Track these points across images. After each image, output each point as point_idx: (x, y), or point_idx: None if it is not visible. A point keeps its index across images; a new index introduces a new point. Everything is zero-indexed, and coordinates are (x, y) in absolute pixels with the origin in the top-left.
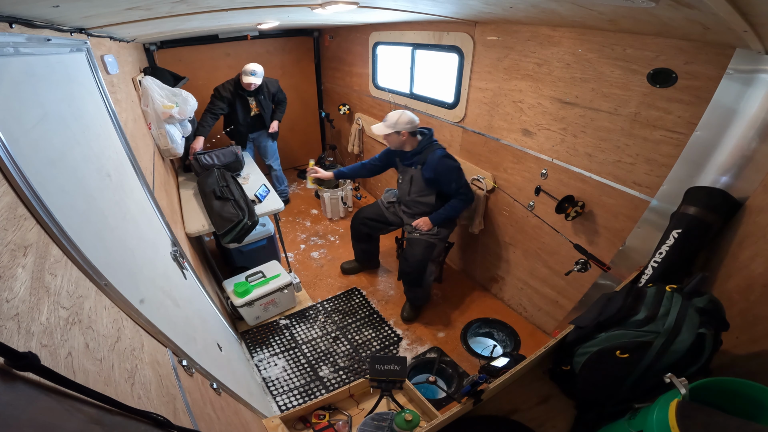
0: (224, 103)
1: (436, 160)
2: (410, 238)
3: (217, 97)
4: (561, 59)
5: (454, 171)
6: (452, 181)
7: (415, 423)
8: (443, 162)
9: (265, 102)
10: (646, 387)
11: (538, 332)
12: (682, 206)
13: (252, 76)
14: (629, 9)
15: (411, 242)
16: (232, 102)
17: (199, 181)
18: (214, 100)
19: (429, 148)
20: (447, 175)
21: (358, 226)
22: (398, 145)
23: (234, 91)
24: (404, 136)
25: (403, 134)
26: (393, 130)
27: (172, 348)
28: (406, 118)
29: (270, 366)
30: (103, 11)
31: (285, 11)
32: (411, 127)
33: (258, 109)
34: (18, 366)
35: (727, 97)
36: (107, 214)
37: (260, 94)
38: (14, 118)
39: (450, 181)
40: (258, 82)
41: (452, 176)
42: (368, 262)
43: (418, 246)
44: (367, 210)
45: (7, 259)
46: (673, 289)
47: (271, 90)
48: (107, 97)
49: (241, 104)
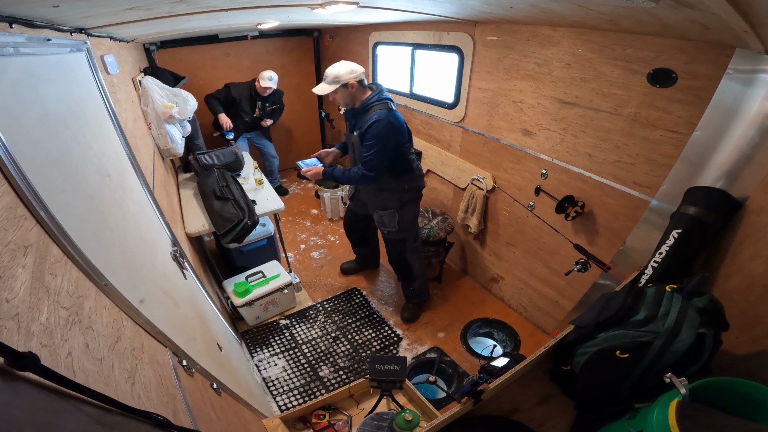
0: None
1: (370, 122)
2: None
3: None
4: (561, 59)
5: (375, 137)
6: (365, 147)
7: (415, 423)
8: (375, 124)
9: (269, 110)
10: (646, 387)
11: (538, 332)
12: (682, 206)
13: (269, 81)
14: (629, 9)
15: (385, 240)
16: (239, 101)
17: (199, 181)
18: (221, 90)
19: (376, 107)
20: (366, 139)
21: (348, 233)
22: (350, 101)
23: (247, 93)
24: (354, 88)
25: (352, 85)
26: (338, 84)
27: (172, 348)
28: (347, 67)
29: (270, 366)
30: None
31: (285, 11)
32: (356, 76)
33: (259, 113)
34: (18, 366)
35: (727, 97)
36: (107, 214)
37: (267, 101)
38: (14, 118)
39: (364, 146)
40: (274, 87)
41: (370, 141)
42: (368, 264)
43: (389, 244)
44: (346, 214)
45: (7, 259)
46: (673, 289)
47: (276, 99)
48: (107, 97)
49: (249, 104)
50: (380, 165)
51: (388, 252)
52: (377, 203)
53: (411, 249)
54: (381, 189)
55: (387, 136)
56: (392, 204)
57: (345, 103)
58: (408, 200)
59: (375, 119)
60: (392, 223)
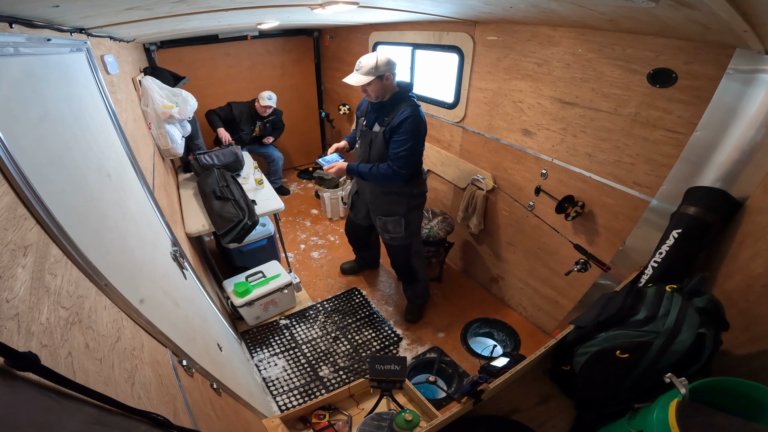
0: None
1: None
2: (386, 243)
3: (229, 107)
4: (561, 59)
5: (410, 132)
6: (397, 143)
7: (415, 423)
8: (409, 119)
9: (270, 128)
10: (646, 387)
11: (538, 332)
12: (682, 206)
13: (269, 100)
14: (629, 9)
15: (387, 246)
16: (239, 120)
17: (199, 181)
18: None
19: (406, 102)
20: (398, 134)
21: (351, 240)
22: (381, 94)
23: (248, 112)
24: (389, 80)
25: (387, 77)
26: (375, 75)
27: (172, 348)
28: (384, 58)
29: (270, 366)
30: (103, 11)
31: (285, 11)
32: (392, 68)
33: (259, 132)
34: (18, 366)
35: (727, 97)
36: (107, 214)
37: (268, 121)
38: (14, 118)
39: (396, 141)
40: (273, 106)
41: (404, 135)
42: (368, 265)
43: (393, 250)
44: (347, 225)
45: (7, 259)
46: (673, 289)
47: (276, 119)
48: (107, 97)
49: (249, 123)
50: (412, 162)
51: (392, 257)
52: (382, 209)
53: (416, 253)
54: (389, 193)
55: (420, 132)
56: (400, 209)
57: (376, 96)
58: (415, 205)
59: (409, 114)
60: (397, 230)
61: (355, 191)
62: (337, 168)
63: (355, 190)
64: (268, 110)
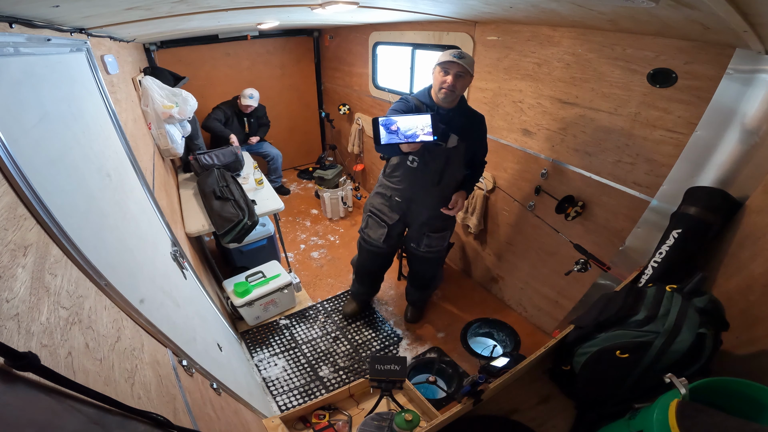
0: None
1: (479, 118)
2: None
3: (220, 109)
4: (561, 59)
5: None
6: (485, 146)
7: (415, 423)
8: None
9: (255, 124)
10: (646, 387)
11: (538, 332)
12: (682, 206)
13: (250, 99)
14: (629, 9)
15: (421, 260)
16: (231, 119)
17: (199, 181)
18: (216, 111)
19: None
20: (483, 134)
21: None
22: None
23: (233, 111)
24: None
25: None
26: (472, 71)
27: (172, 348)
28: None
29: (270, 366)
30: (103, 11)
31: (285, 11)
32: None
33: (248, 129)
34: (18, 366)
35: (727, 97)
36: (107, 214)
37: (252, 117)
38: (14, 118)
39: (484, 143)
40: (255, 104)
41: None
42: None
43: (426, 263)
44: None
45: (7, 259)
46: (673, 289)
47: (260, 114)
48: (107, 97)
49: (238, 122)
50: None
51: (421, 270)
52: (436, 225)
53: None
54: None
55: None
56: (451, 222)
57: (458, 94)
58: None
59: (481, 116)
60: (441, 243)
61: (396, 219)
62: (460, 203)
63: (395, 218)
64: (250, 109)
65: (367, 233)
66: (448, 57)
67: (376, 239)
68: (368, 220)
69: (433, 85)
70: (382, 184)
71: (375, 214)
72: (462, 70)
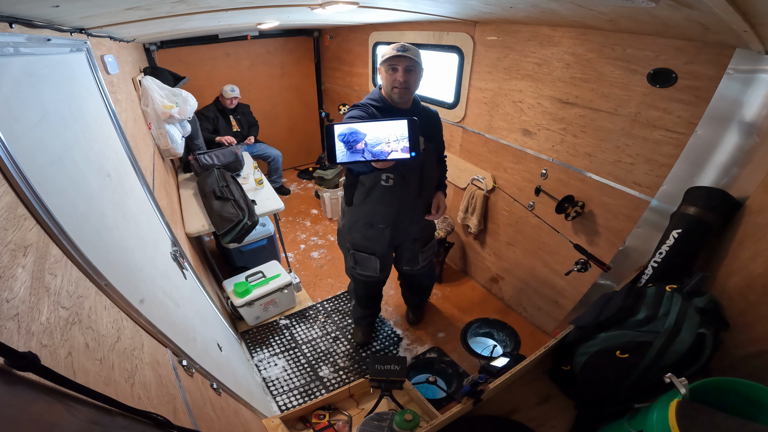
0: (209, 123)
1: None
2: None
3: (205, 118)
4: (561, 59)
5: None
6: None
7: (415, 423)
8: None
9: (243, 120)
10: (646, 387)
11: (538, 332)
12: (682, 206)
13: (232, 92)
14: (629, 9)
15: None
16: (216, 120)
17: (199, 181)
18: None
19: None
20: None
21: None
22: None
23: (216, 110)
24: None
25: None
26: (421, 64)
27: (172, 348)
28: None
29: (270, 366)
30: (103, 11)
31: (285, 11)
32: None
33: (238, 127)
34: (18, 366)
35: (727, 97)
36: (107, 214)
37: (238, 113)
38: (14, 118)
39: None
40: (238, 96)
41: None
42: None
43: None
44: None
45: (7, 259)
46: (673, 289)
47: (245, 110)
48: (107, 97)
49: (224, 121)
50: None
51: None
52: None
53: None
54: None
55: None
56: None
57: (411, 90)
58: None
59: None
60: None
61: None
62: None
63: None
64: (235, 101)
65: (358, 271)
66: (392, 52)
67: (371, 272)
68: (354, 257)
69: (384, 86)
70: (353, 216)
71: (360, 251)
72: (411, 63)
